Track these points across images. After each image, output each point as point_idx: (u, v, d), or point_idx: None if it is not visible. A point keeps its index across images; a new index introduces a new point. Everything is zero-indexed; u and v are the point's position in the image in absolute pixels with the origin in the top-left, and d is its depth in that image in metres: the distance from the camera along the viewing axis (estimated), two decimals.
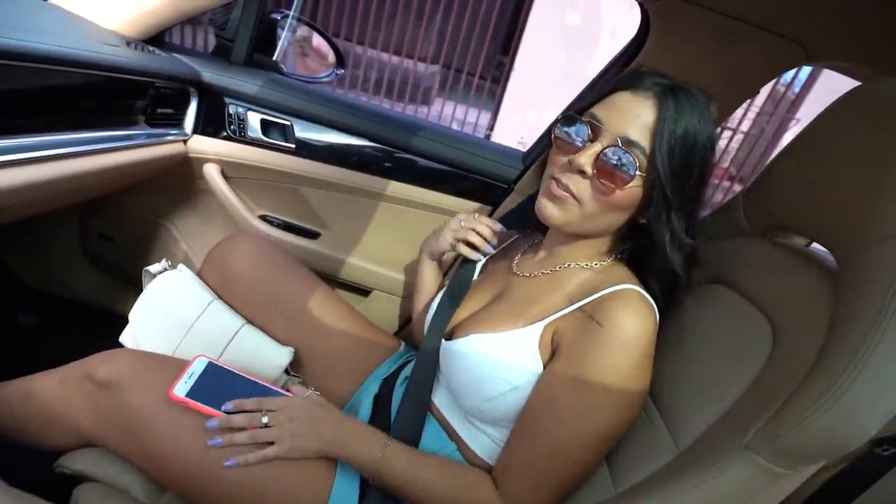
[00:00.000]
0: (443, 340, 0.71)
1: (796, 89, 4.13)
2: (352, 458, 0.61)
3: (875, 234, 0.47)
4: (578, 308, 0.60)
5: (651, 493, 0.53)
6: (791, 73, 3.66)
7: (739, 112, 3.94)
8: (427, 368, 0.70)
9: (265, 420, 0.60)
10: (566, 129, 0.61)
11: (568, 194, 0.60)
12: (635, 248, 0.65)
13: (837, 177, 0.56)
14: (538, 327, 0.62)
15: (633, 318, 0.56)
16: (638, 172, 0.57)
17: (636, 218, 0.62)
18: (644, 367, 0.57)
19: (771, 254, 0.65)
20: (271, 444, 0.60)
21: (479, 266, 0.81)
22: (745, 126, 4.07)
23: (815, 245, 0.67)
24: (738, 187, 4.31)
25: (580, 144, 0.60)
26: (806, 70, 3.71)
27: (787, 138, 4.03)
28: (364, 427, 0.65)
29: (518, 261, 0.76)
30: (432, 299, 0.81)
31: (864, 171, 0.52)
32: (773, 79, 0.86)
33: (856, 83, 0.67)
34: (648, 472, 0.57)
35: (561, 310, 0.62)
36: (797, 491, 0.49)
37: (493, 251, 0.78)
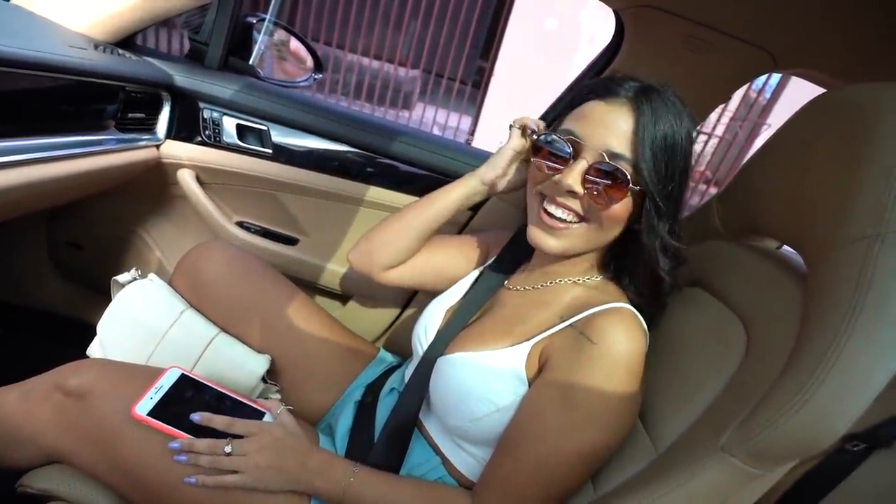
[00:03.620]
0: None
1: (767, 95, 4.27)
2: (319, 492, 0.60)
3: (842, 238, 0.49)
4: (569, 325, 0.59)
5: (630, 495, 0.53)
6: (762, 79, 3.77)
7: (714, 117, 4.05)
8: (422, 380, 0.68)
9: (228, 449, 0.58)
10: (545, 146, 0.60)
11: (562, 224, 0.60)
12: (623, 255, 0.64)
13: (805, 181, 0.57)
14: (526, 347, 0.60)
15: (625, 337, 0.55)
16: (630, 184, 0.56)
17: (629, 227, 0.61)
18: (634, 388, 0.55)
19: (744, 257, 0.66)
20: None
21: (474, 276, 0.80)
22: (719, 130, 4.18)
23: (786, 248, 0.69)
24: (713, 190, 4.42)
25: (563, 162, 0.58)
26: (776, 77, 3.84)
27: (760, 142, 4.16)
28: (332, 458, 0.64)
29: (510, 274, 0.75)
30: (426, 305, 0.80)
31: (831, 175, 0.53)
32: (743, 85, 0.88)
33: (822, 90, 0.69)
34: (627, 475, 0.57)
35: (551, 327, 0.61)
36: (771, 488, 0.49)
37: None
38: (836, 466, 0.54)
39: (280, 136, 1.05)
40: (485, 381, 0.61)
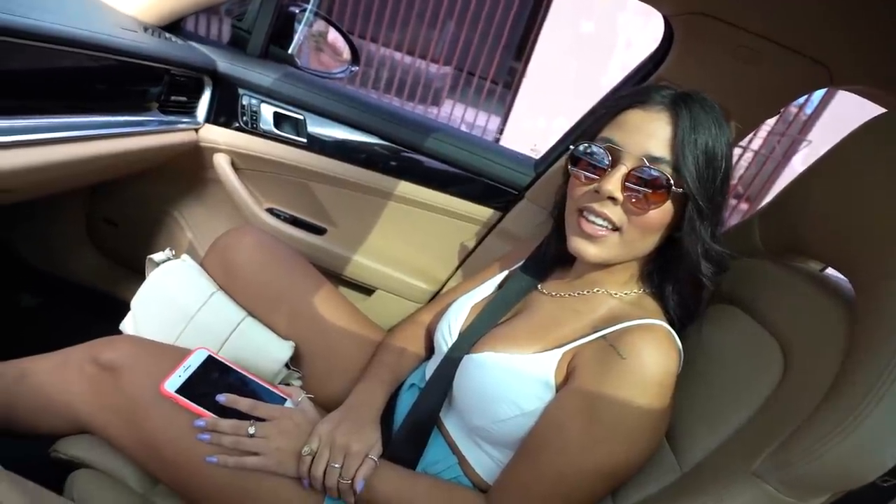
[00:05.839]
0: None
1: (808, 111, 4.12)
2: None
3: None
4: (601, 336, 0.58)
5: None
6: None
7: None
8: (445, 377, 0.68)
9: (251, 431, 0.59)
10: (583, 157, 0.60)
11: (603, 231, 0.59)
12: (665, 264, 0.63)
13: (860, 204, 0.55)
14: (556, 354, 0.60)
15: (656, 354, 0.54)
16: (672, 187, 0.55)
17: (670, 235, 0.61)
18: (661, 408, 0.54)
19: (785, 277, 0.64)
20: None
21: (502, 276, 0.80)
22: (755, 145, 4.06)
23: (830, 270, 0.66)
24: (744, 205, 4.30)
25: (602, 171, 0.58)
26: (819, 92, 3.70)
27: (797, 159, 4.03)
28: None
29: (545, 278, 0.74)
30: (453, 300, 0.79)
31: (889, 199, 0.51)
32: (795, 100, 0.85)
33: (880, 109, 0.66)
34: (650, 492, 0.56)
35: (583, 337, 0.60)
36: None
37: None
38: (861, 502, 0.52)
39: (315, 126, 1.06)
40: (512, 384, 0.60)
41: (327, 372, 0.82)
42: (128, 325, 0.79)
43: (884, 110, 0.62)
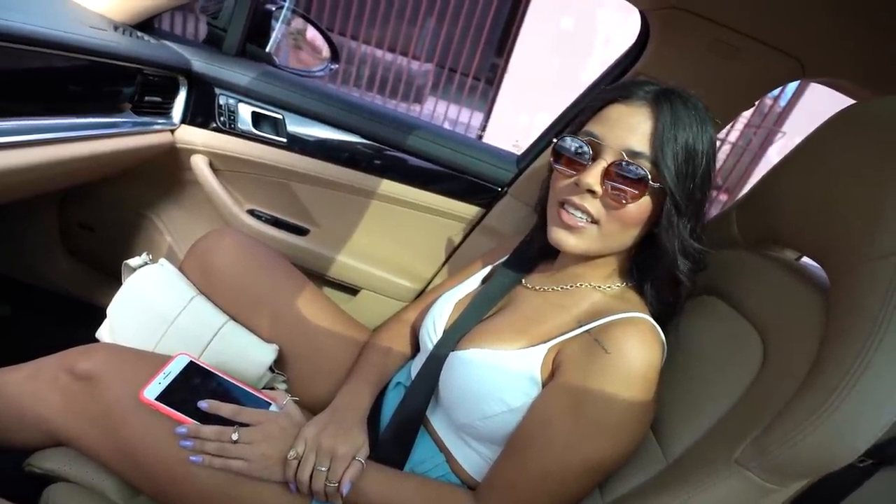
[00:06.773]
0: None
1: (782, 103, 4.22)
2: None
3: (869, 253, 0.47)
4: (585, 331, 0.58)
5: None
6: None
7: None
8: (430, 375, 0.68)
9: (235, 437, 0.58)
10: (565, 150, 0.60)
11: (582, 222, 0.59)
12: (644, 260, 0.63)
13: (832, 193, 0.56)
14: (542, 349, 0.60)
15: (640, 348, 0.54)
16: (649, 182, 0.56)
17: (650, 230, 0.61)
18: (646, 401, 0.54)
19: (762, 267, 0.65)
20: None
21: (486, 272, 0.80)
22: (732, 137, 4.14)
23: (806, 259, 0.68)
24: (723, 197, 4.38)
25: (583, 164, 0.59)
26: (792, 85, 3.79)
27: (773, 151, 4.12)
28: None
29: (528, 272, 0.75)
30: (437, 297, 0.79)
31: (860, 188, 0.52)
32: (769, 92, 0.86)
33: (850, 101, 0.68)
34: (636, 484, 0.56)
35: (568, 332, 0.60)
36: None
37: None
38: (840, 482, 0.53)
39: (295, 125, 1.05)
40: (498, 380, 0.60)
41: (312, 374, 0.81)
42: (104, 333, 0.77)
43: (853, 102, 0.64)
